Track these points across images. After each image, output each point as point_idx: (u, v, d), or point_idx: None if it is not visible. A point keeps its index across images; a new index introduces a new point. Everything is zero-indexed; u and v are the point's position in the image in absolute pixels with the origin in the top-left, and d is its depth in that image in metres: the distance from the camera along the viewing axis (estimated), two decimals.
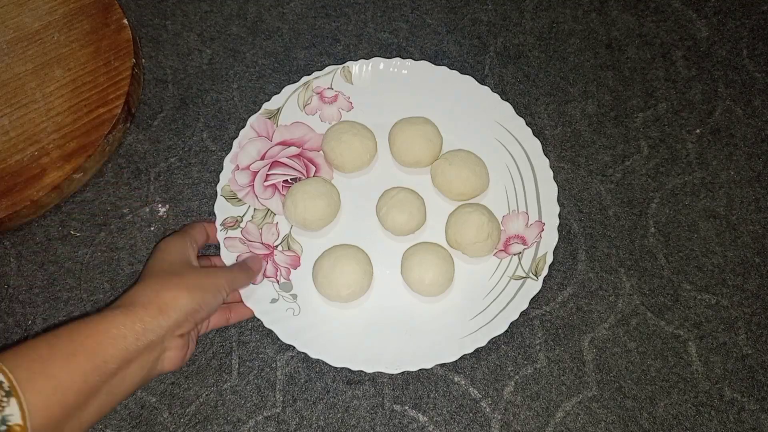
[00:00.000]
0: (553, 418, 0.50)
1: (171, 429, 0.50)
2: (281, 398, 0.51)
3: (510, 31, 0.65)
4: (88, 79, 0.59)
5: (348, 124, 0.56)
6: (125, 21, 0.61)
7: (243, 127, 0.56)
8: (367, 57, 0.63)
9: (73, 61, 0.60)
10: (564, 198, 0.57)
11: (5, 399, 0.34)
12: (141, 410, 0.50)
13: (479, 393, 0.51)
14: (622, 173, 0.58)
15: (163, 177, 0.58)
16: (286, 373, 0.51)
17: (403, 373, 0.51)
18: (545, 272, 0.51)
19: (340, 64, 0.59)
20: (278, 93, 0.58)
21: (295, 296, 0.52)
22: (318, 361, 0.52)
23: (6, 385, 0.35)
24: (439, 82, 0.58)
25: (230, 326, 0.53)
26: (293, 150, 0.57)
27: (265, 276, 0.52)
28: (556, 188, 0.54)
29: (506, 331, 0.50)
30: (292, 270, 0.53)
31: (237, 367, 0.52)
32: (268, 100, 0.57)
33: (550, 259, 0.52)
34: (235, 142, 0.56)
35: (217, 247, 0.53)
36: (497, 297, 0.51)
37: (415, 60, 0.59)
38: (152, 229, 0.57)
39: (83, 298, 0.54)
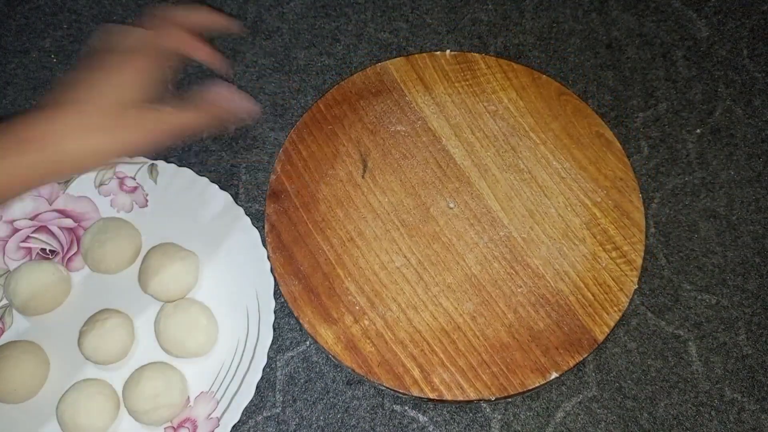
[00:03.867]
0: (553, 418, 0.50)
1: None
2: (281, 398, 0.51)
3: (510, 31, 0.65)
4: None
5: (116, 224, 0.54)
6: None
7: (243, 127, 0.56)
8: (367, 57, 0.63)
9: None
10: None
11: None
12: None
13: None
14: None
15: None
16: (286, 373, 0.51)
17: None
18: None
19: (341, 64, 0.59)
20: (279, 91, 0.57)
21: None
22: (318, 361, 0.52)
23: None
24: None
25: None
26: (68, 222, 0.55)
27: None
28: (254, 386, 0.49)
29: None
30: None
31: None
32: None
33: None
34: None
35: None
36: None
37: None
38: None
39: None
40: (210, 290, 0.53)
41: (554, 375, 0.49)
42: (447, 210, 0.55)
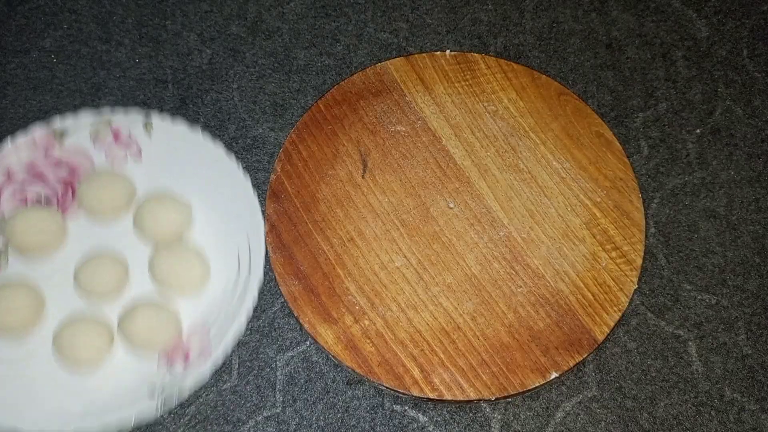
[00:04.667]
0: (553, 418, 0.50)
1: (171, 429, 0.50)
2: (281, 398, 0.51)
3: (510, 31, 0.65)
4: None
5: (111, 173, 0.55)
6: None
7: (243, 127, 0.56)
8: (367, 57, 0.63)
9: None
10: None
11: None
12: None
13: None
14: None
15: None
16: (286, 373, 0.51)
17: None
18: (170, 405, 0.48)
19: (340, 64, 0.59)
20: (279, 91, 0.57)
21: None
22: (318, 361, 0.52)
23: None
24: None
25: None
26: (64, 173, 0.56)
27: None
28: (245, 322, 0.50)
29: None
30: None
31: (237, 367, 0.52)
32: (60, 119, 0.56)
33: (182, 395, 0.49)
34: (8, 143, 0.55)
35: None
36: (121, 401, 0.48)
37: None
38: None
39: None
40: (203, 234, 0.55)
41: (554, 375, 0.49)
42: (447, 210, 0.55)
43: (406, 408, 0.50)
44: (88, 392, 0.49)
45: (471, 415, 0.50)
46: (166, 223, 0.53)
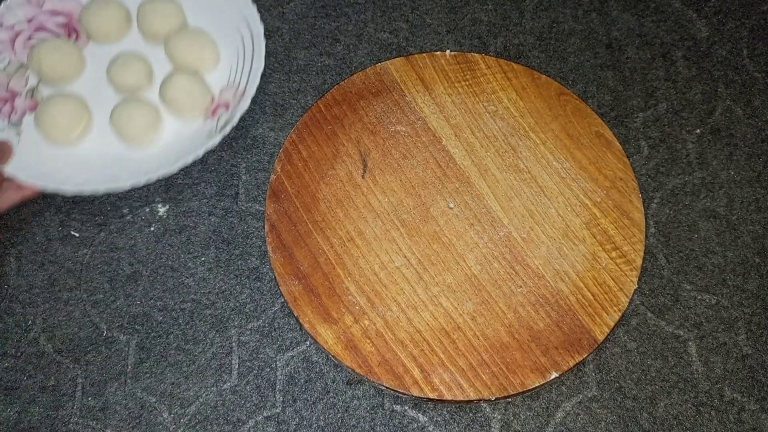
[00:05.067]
0: (553, 418, 0.50)
1: (171, 429, 0.50)
2: (281, 398, 0.51)
3: (510, 31, 0.65)
4: None
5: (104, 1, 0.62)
6: None
7: (243, 127, 0.56)
8: (367, 57, 0.63)
9: None
10: None
11: None
12: (141, 410, 0.50)
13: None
14: None
15: (163, 177, 0.58)
16: (286, 373, 0.51)
17: None
18: (227, 131, 0.56)
19: (340, 64, 0.59)
20: (279, 91, 0.58)
21: (19, 133, 0.58)
22: (318, 361, 0.52)
23: None
24: None
25: (230, 326, 0.53)
26: (61, 19, 0.62)
27: None
28: (263, 64, 0.59)
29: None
30: (27, 113, 0.59)
31: (237, 367, 0.52)
32: None
33: (234, 121, 0.56)
34: (2, 5, 0.61)
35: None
36: (186, 148, 0.57)
37: None
38: (152, 229, 0.57)
39: (83, 299, 0.54)
40: (205, 21, 0.62)
41: (554, 375, 0.49)
42: (447, 210, 0.55)
43: (406, 408, 0.50)
44: (152, 158, 0.57)
45: (471, 415, 0.50)
46: (167, 20, 0.61)
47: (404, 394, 0.49)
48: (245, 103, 0.57)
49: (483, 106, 0.59)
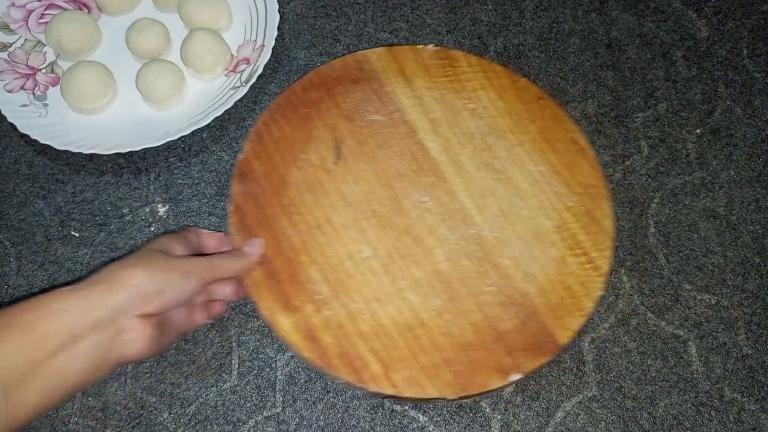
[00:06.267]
0: (553, 418, 0.50)
1: (171, 429, 0.50)
2: (281, 398, 0.51)
3: (510, 31, 0.65)
4: None
5: None
6: None
7: (243, 127, 0.56)
8: None
9: None
10: None
11: None
12: (141, 410, 0.50)
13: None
14: (622, 173, 0.58)
15: (163, 177, 0.58)
16: (286, 373, 0.51)
17: None
18: (253, 80, 0.58)
19: None
20: (279, 92, 0.58)
21: (46, 105, 0.60)
22: None
23: None
24: None
25: (230, 326, 0.53)
26: None
27: (22, 89, 0.60)
28: (278, 18, 0.61)
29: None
30: (50, 87, 0.61)
31: (237, 367, 0.52)
32: None
33: (259, 70, 0.59)
34: None
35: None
36: (213, 103, 0.59)
37: None
38: (152, 229, 0.57)
39: None
40: None
41: (517, 376, 0.48)
42: (419, 204, 0.55)
43: (406, 408, 0.50)
44: (183, 116, 0.59)
45: (471, 415, 0.50)
46: (208, 16, 0.62)
47: (361, 388, 0.48)
48: (266, 55, 0.60)
49: (462, 103, 0.58)
